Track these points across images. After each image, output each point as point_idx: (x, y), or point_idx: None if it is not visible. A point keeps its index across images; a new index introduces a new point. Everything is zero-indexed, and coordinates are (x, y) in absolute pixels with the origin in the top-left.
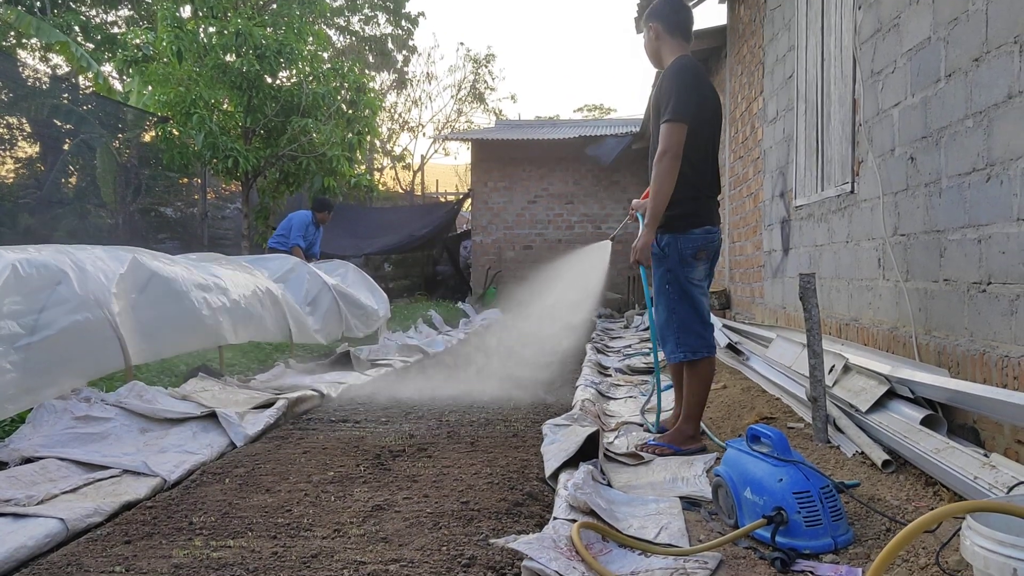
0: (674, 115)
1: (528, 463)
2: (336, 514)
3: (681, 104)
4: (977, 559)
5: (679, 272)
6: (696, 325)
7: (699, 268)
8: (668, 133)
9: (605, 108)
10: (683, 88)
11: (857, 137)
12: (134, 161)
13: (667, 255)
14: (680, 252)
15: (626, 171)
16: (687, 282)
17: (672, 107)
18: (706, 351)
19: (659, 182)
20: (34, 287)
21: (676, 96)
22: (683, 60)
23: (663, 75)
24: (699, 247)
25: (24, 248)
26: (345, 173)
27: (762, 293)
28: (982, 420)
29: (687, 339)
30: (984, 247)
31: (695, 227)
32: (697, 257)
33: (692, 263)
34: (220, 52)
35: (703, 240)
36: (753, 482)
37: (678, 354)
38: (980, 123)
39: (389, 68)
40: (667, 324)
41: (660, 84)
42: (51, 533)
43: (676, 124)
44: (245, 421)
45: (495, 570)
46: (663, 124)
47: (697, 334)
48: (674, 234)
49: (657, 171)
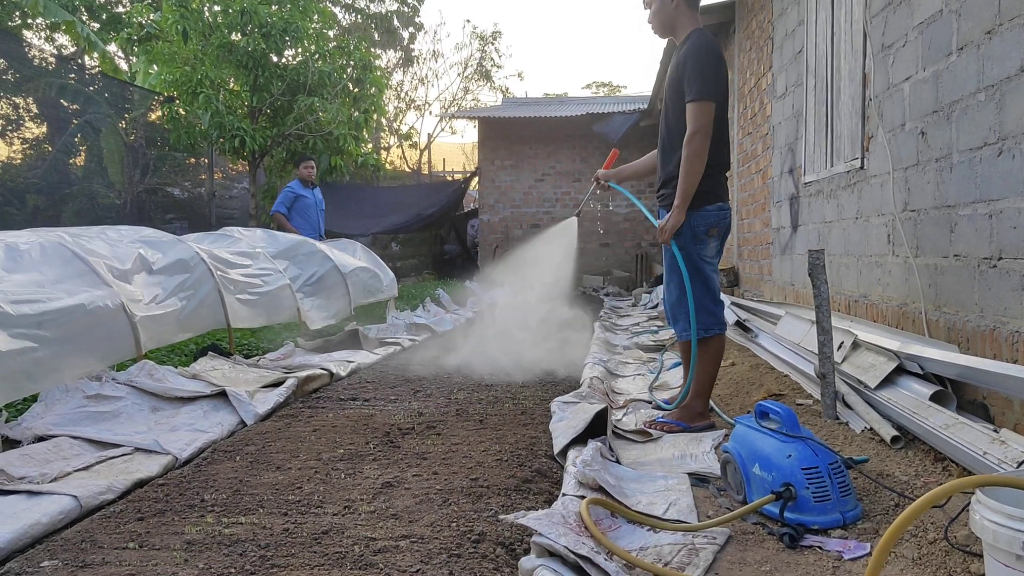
0: (703, 94)
1: (537, 440)
2: (346, 491)
3: (709, 83)
4: (986, 533)
5: (692, 249)
6: (708, 303)
7: (711, 245)
8: (698, 113)
9: (614, 85)
10: (709, 66)
11: (867, 112)
12: (141, 141)
13: (680, 232)
14: (693, 229)
15: (634, 148)
16: (700, 259)
17: (699, 86)
18: (717, 328)
19: (691, 162)
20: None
21: (703, 75)
22: (704, 36)
23: (686, 51)
24: (712, 224)
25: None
26: (352, 152)
27: (770, 270)
28: (992, 396)
29: (699, 317)
30: (995, 222)
31: (708, 203)
32: (710, 234)
33: (705, 240)
34: (225, 31)
35: (716, 217)
36: (762, 458)
37: (689, 332)
38: (992, 97)
39: (395, 46)
40: (679, 302)
41: (682, 60)
42: (65, 510)
43: (705, 103)
44: (255, 400)
45: (505, 546)
46: (692, 103)
47: (709, 312)
48: (689, 211)
49: (688, 152)
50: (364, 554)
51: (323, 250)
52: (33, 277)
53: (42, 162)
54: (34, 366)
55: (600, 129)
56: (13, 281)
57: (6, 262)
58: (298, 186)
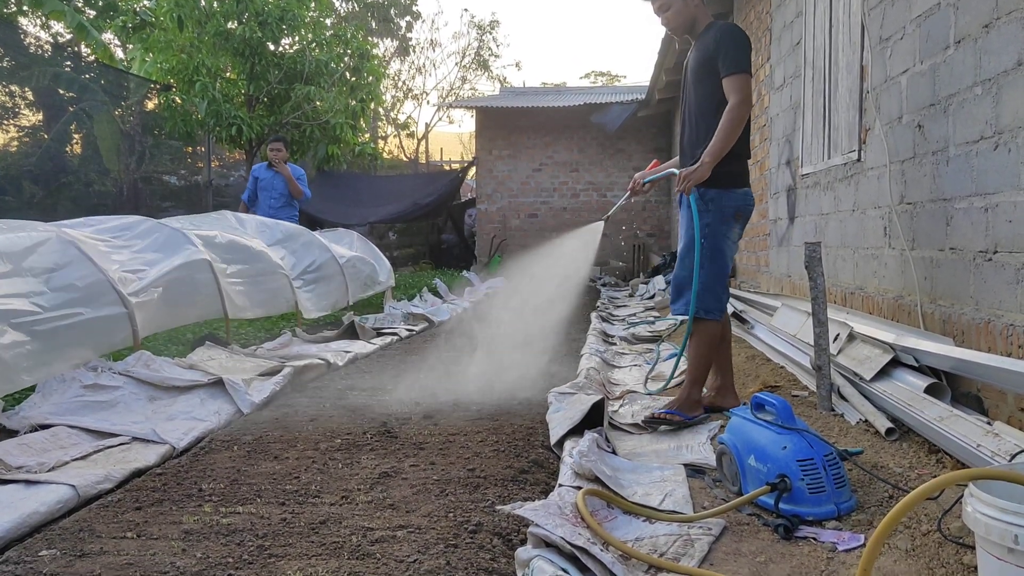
0: (740, 66)
1: (533, 431)
2: (344, 481)
3: (744, 56)
4: (979, 526)
5: (718, 228)
6: (717, 286)
7: (735, 229)
8: (741, 83)
9: (613, 75)
10: (744, 44)
11: (864, 104)
12: (137, 129)
13: (710, 209)
14: (723, 208)
15: (631, 139)
16: (723, 238)
17: (735, 59)
18: (718, 314)
19: (733, 125)
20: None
21: (740, 49)
22: (727, 22)
23: (715, 35)
24: (739, 207)
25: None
26: (349, 141)
27: (767, 262)
28: (986, 388)
29: (706, 298)
30: (991, 216)
31: (738, 187)
32: (736, 217)
33: (731, 222)
34: (221, 19)
35: (742, 201)
36: (757, 449)
37: (692, 312)
38: (989, 91)
39: (392, 35)
40: (689, 278)
41: (711, 43)
42: (63, 499)
43: (744, 75)
44: (251, 388)
45: (501, 536)
46: (733, 76)
47: (716, 296)
48: (721, 189)
49: (730, 116)
50: (361, 544)
51: (320, 240)
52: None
53: (38, 150)
54: (28, 357)
55: (598, 119)
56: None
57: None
58: (260, 168)
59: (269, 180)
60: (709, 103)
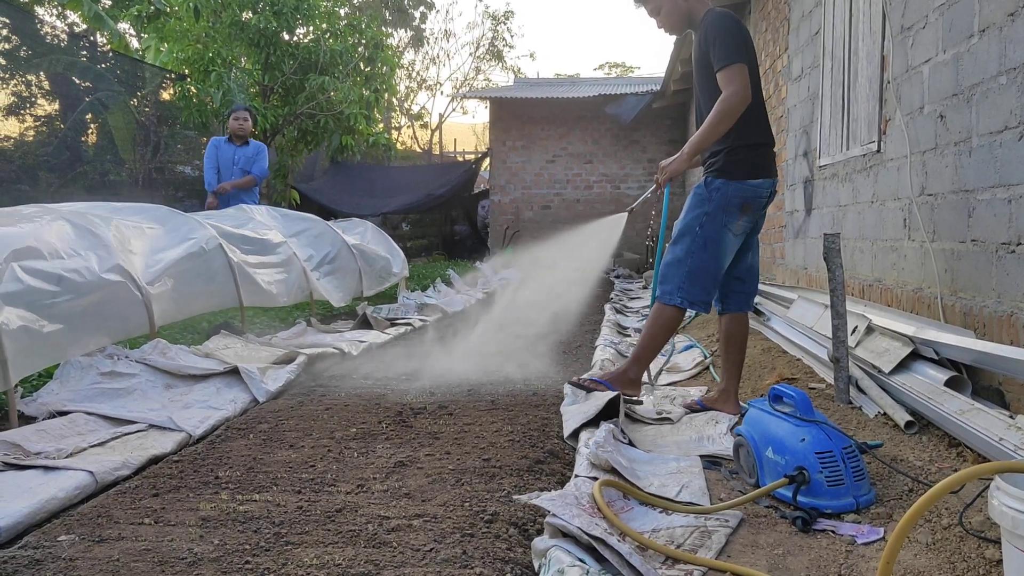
0: (729, 58)
1: (548, 422)
2: (359, 470)
3: (732, 47)
4: (1005, 519)
5: (717, 218)
6: (706, 279)
7: (740, 220)
8: (731, 76)
9: (627, 66)
10: (727, 32)
11: (885, 95)
12: (152, 119)
13: (711, 199)
14: (728, 198)
15: (646, 130)
16: (722, 229)
17: (723, 53)
18: (702, 307)
19: (717, 119)
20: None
21: (723, 40)
22: (716, 10)
23: (703, 29)
24: (747, 199)
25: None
26: (363, 131)
27: (783, 254)
28: (1008, 382)
29: (690, 288)
30: (1015, 207)
31: (752, 177)
32: (743, 209)
33: (735, 213)
34: (237, 9)
35: (752, 192)
36: (775, 441)
37: (675, 297)
38: (1014, 80)
39: (406, 25)
40: (676, 264)
41: (702, 38)
42: (81, 485)
43: (734, 66)
44: (267, 377)
45: (517, 526)
46: (722, 70)
47: (703, 288)
48: (727, 180)
49: (719, 108)
50: (378, 532)
51: (335, 230)
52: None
53: (54, 139)
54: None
55: (612, 111)
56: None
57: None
58: (220, 140)
59: (233, 153)
60: (714, 96)
